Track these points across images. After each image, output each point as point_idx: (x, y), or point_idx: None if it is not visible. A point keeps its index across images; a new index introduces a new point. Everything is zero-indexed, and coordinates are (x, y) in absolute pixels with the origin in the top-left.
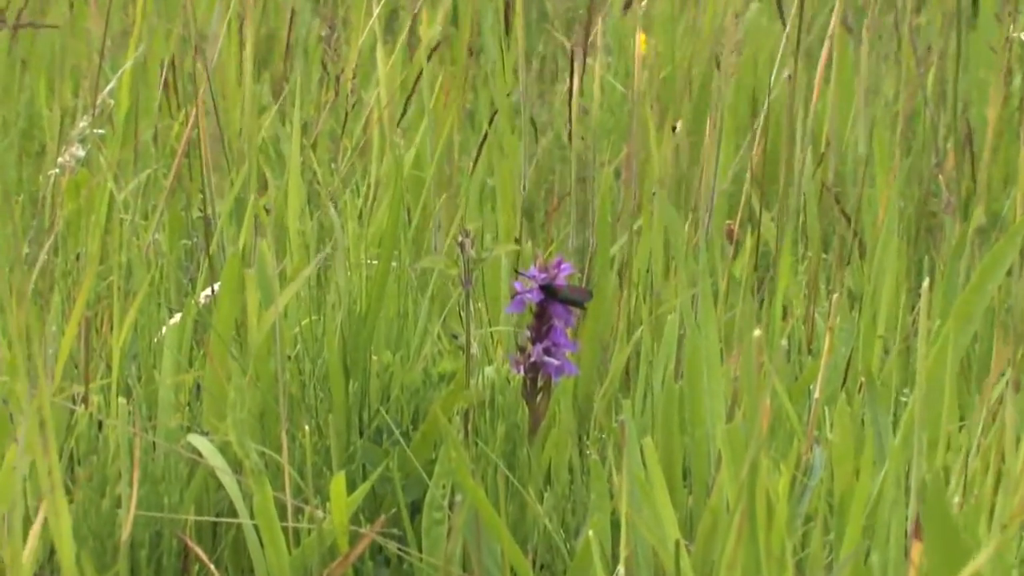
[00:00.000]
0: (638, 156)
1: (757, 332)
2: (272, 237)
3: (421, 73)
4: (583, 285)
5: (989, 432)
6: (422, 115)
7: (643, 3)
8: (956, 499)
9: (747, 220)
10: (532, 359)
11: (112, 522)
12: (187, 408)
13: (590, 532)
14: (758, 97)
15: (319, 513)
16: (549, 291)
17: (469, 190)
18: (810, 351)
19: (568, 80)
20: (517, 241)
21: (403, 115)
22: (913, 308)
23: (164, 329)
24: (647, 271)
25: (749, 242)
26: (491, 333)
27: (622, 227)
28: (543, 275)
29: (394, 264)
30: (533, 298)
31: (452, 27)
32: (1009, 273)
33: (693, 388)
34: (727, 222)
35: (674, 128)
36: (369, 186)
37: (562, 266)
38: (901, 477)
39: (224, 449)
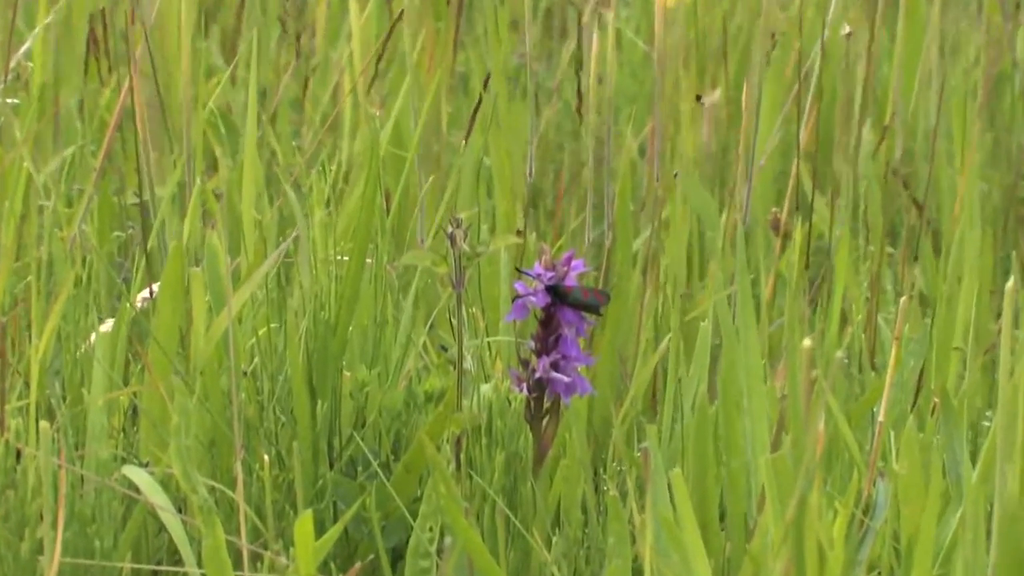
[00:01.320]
0: (665, 130)
1: (808, 342)
2: (223, 228)
3: (399, 21)
4: (598, 286)
5: None
6: (403, 79)
7: None
8: None
9: (796, 207)
10: (537, 375)
11: (32, 571)
12: (121, 434)
13: None
14: (809, 58)
15: (281, 560)
16: (557, 293)
17: (461, 171)
18: (873, 366)
19: (578, 37)
20: (519, 233)
21: (378, 79)
22: (997, 314)
23: (93, 338)
24: (676, 269)
25: (799, 234)
26: (488, 344)
27: (646, 216)
28: (550, 274)
29: (369, 261)
30: (538, 302)
31: None
32: None
33: (731, 410)
34: (772, 209)
35: (699, 98)
36: (339, 166)
37: (573, 263)
38: (981, 518)
39: (166, 483)
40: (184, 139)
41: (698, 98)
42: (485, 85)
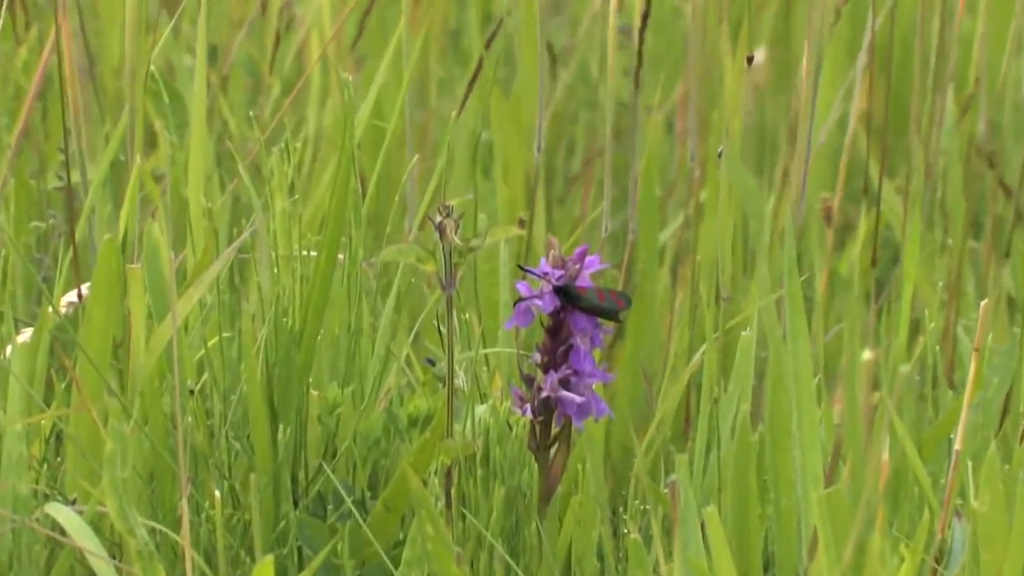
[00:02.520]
0: (700, 98)
1: (870, 355)
2: (166, 218)
3: None
4: (617, 287)
5: None
6: (384, 38)
7: None
8: None
9: (860, 192)
10: (544, 394)
11: None
12: (43, 465)
13: None
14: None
15: None
16: (568, 296)
17: (453, 147)
18: (951, 384)
19: None
20: (523, 223)
21: (357, 39)
22: None
23: (9, 350)
24: (713, 267)
25: (863, 224)
26: (484, 357)
27: (676, 203)
28: (559, 273)
29: (342, 257)
30: (545, 306)
31: None
32: None
33: (778, 437)
34: (828, 195)
35: (750, 59)
36: (306, 143)
37: (587, 259)
38: None
39: (98, 524)
40: (120, 110)
41: (749, 60)
42: (488, 45)
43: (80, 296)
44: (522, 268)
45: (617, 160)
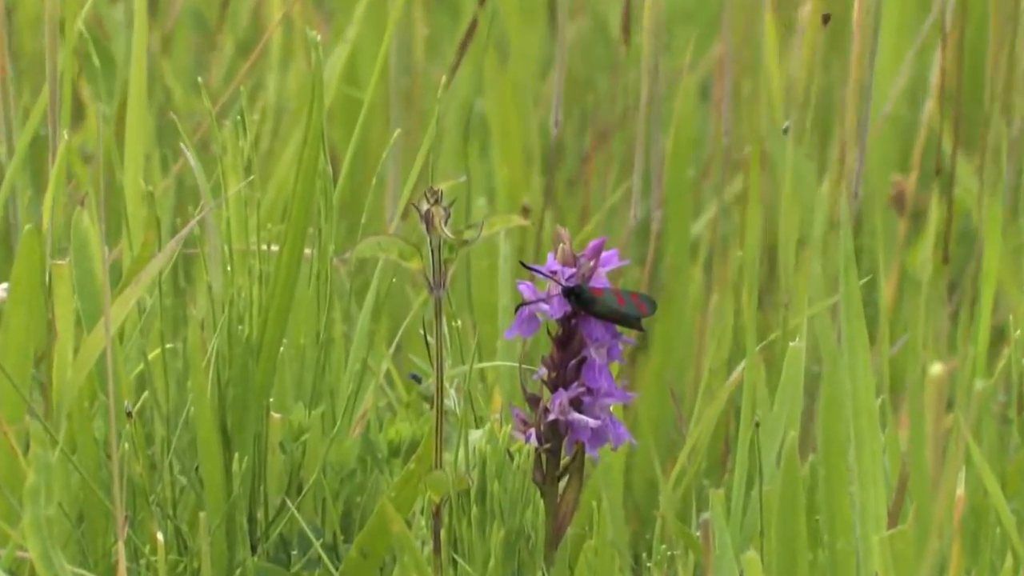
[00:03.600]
0: (738, 60)
1: (941, 368)
2: (97, 205)
3: None
4: (640, 289)
5: None
6: None
7: None
8: None
9: (931, 174)
10: (552, 417)
11: None
12: None
13: None
14: None
15: None
16: (582, 299)
17: (442, 120)
18: None
19: None
20: (526, 211)
21: None
22: None
23: None
24: (755, 264)
25: (935, 212)
26: (481, 372)
27: (711, 187)
28: (571, 271)
29: (309, 252)
30: (553, 312)
31: None
32: None
33: (833, 468)
34: (895, 177)
35: (826, 19)
36: (265, 115)
37: (604, 255)
38: None
39: (17, 571)
40: (42, 73)
41: (825, 19)
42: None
43: None
44: (526, 266)
45: (640, 135)
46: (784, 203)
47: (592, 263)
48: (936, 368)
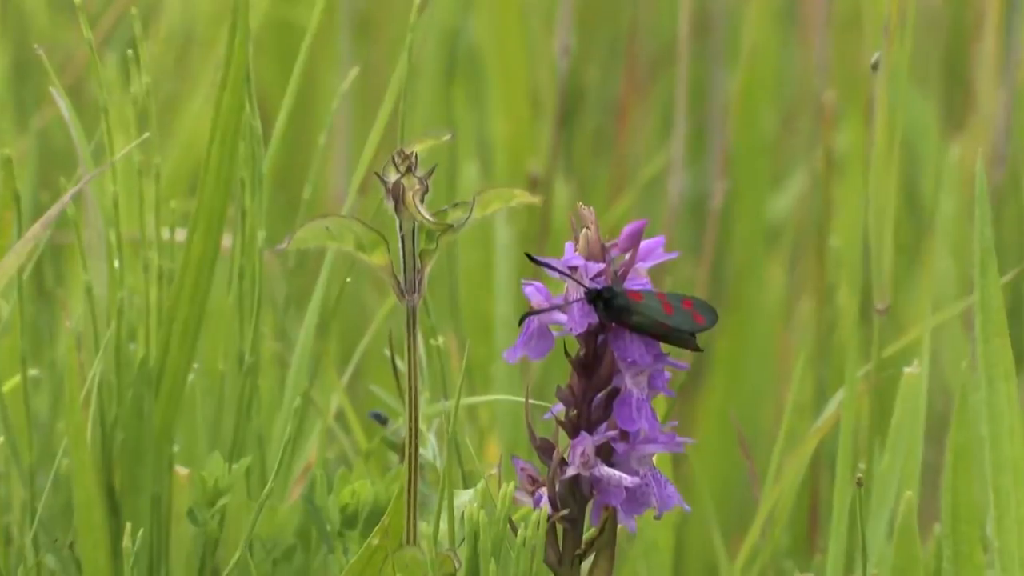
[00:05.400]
0: None
1: None
2: None
3: None
4: (693, 293)
5: None
6: None
7: None
8: None
9: None
10: (570, 472)
11: None
12: None
13: None
14: None
15: None
16: (613, 306)
17: (416, 55)
18: None
19: None
20: (534, 183)
21: None
22: None
23: None
24: (858, 258)
25: None
26: (471, 410)
27: (797, 148)
28: (597, 266)
29: (228, 242)
30: (573, 324)
31: None
32: None
33: (964, 542)
34: None
35: None
36: (166, 45)
37: (645, 245)
38: None
39: None
40: None
41: None
42: None
43: None
44: (533, 259)
45: (692, 78)
46: (887, 170)
47: (627, 256)
48: None
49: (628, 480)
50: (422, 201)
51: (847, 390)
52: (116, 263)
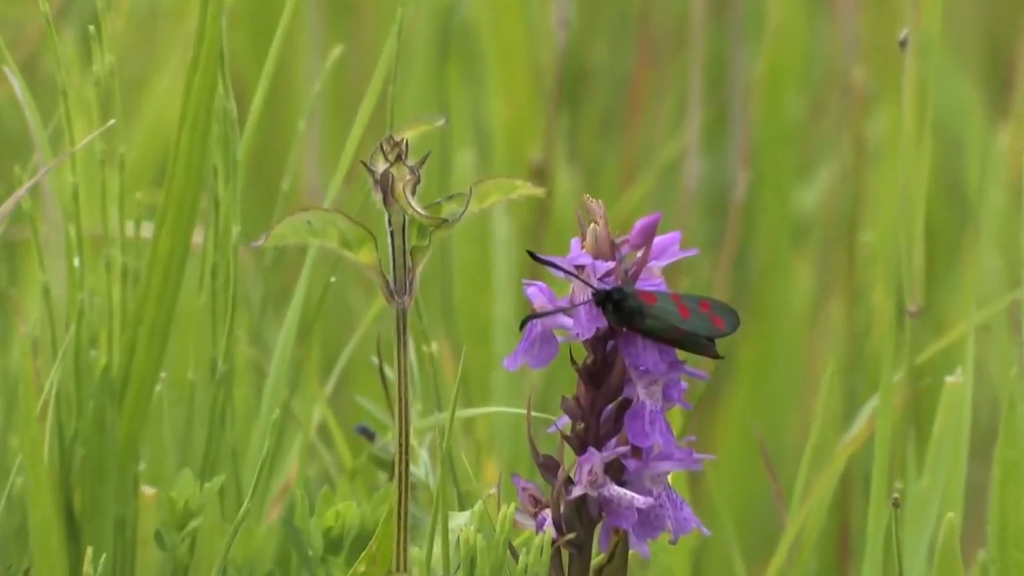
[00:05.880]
0: None
1: None
2: None
3: None
4: (712, 295)
5: None
6: None
7: None
8: None
9: None
10: (577, 492)
11: None
12: None
13: None
14: None
15: None
16: (623, 308)
17: (409, 29)
18: None
19: None
20: (537, 172)
21: None
22: None
23: None
24: (896, 254)
25: None
26: (467, 424)
27: (826, 133)
28: (606, 265)
29: (199, 238)
30: (580, 328)
31: None
32: None
33: (1012, 570)
34: None
35: None
36: (130, 20)
37: (659, 241)
38: None
39: None
40: None
41: None
42: None
43: None
44: (536, 257)
45: (709, 53)
46: (918, 155)
47: (640, 253)
48: None
49: (640, 501)
50: (413, 193)
51: (882, 400)
52: (76, 261)
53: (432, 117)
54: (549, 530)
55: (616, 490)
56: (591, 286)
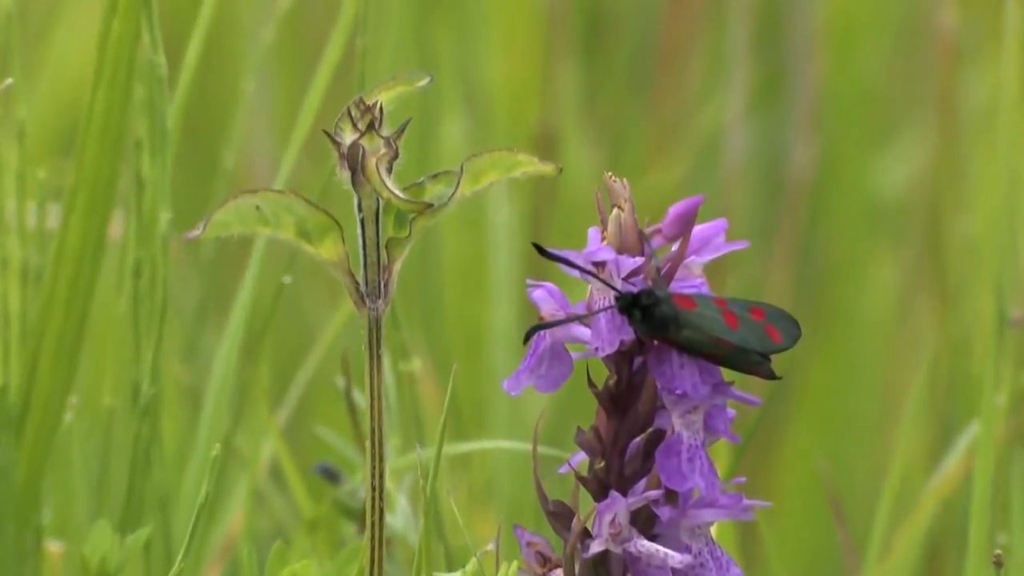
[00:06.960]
0: None
1: None
2: None
3: None
4: (766, 300)
5: None
6: None
7: None
8: None
9: None
10: (596, 548)
11: None
12: None
13: None
14: None
15: None
16: (654, 316)
17: None
18: None
19: None
20: (543, 140)
21: None
22: None
23: None
24: (1001, 248)
25: None
26: (457, 460)
27: (907, 98)
28: (632, 261)
29: (119, 229)
30: (600, 342)
31: None
32: None
33: None
34: None
35: None
36: None
37: (698, 231)
38: None
39: None
40: None
41: None
42: None
43: None
44: (544, 252)
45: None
46: (1022, 123)
47: (676, 246)
48: None
49: (676, 559)
50: (389, 170)
51: (982, 431)
52: None
53: (413, 76)
54: None
55: (646, 545)
56: (614, 288)
